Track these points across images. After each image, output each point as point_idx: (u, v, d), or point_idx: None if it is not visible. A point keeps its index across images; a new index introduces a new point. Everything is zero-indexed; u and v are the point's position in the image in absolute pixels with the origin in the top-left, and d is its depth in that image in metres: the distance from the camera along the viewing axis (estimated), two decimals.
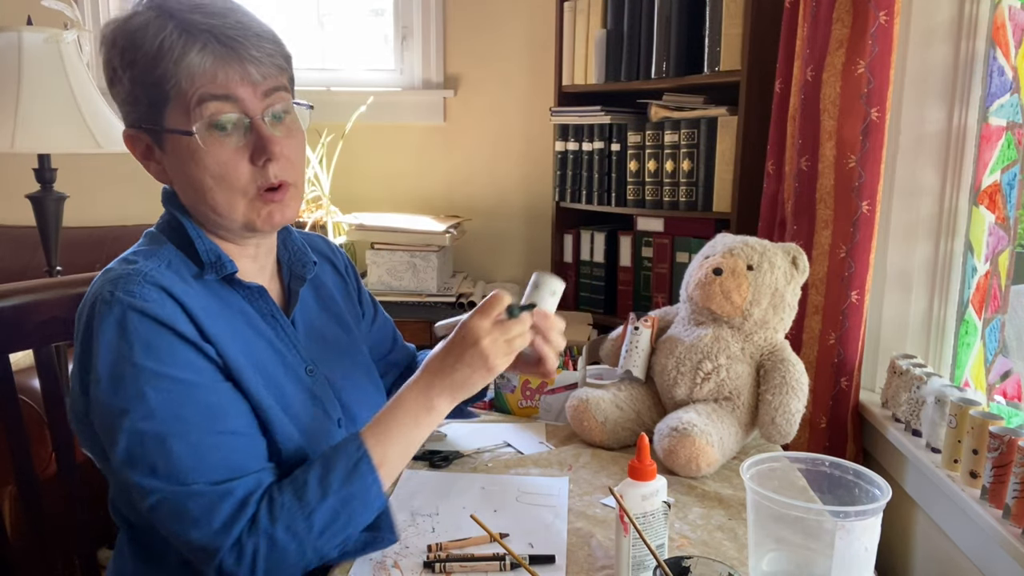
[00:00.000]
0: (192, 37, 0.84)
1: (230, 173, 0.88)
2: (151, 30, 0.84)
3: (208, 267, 0.91)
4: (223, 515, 0.81)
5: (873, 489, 0.82)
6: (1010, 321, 1.41)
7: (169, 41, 0.84)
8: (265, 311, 0.96)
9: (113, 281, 0.85)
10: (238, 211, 0.90)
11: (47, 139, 1.76)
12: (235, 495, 0.82)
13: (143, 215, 2.68)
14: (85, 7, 2.60)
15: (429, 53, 2.63)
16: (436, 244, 2.30)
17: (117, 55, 0.86)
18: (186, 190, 0.91)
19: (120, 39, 0.86)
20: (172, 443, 0.80)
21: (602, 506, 1.05)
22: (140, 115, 0.89)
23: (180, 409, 0.82)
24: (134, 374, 0.81)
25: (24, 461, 1.10)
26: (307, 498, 0.84)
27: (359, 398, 1.08)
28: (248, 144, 0.88)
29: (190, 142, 0.86)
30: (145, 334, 0.82)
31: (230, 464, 0.83)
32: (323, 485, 0.85)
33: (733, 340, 1.19)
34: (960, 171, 1.54)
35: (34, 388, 1.57)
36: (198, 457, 0.81)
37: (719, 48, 1.89)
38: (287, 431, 0.92)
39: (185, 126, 0.86)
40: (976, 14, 1.49)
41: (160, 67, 0.84)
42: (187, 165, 0.88)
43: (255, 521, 0.82)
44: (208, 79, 0.85)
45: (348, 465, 0.87)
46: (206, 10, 0.86)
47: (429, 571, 0.89)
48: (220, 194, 0.89)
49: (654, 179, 2.10)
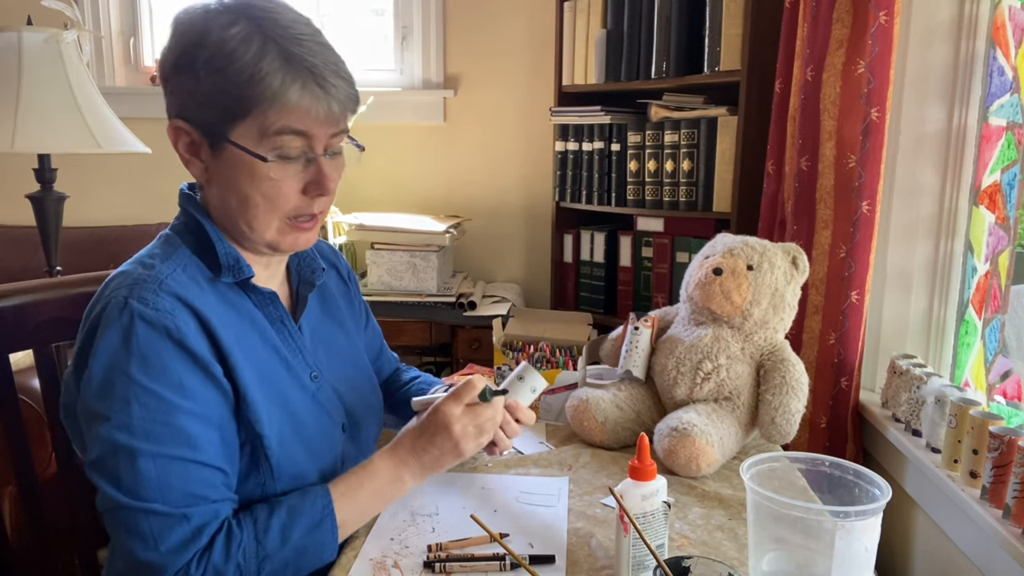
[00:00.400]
0: (294, 73, 0.85)
1: (280, 198, 0.90)
2: (251, 49, 0.84)
3: (226, 270, 0.92)
4: (175, 539, 0.82)
5: (873, 489, 0.82)
6: (1010, 321, 1.41)
7: (270, 69, 0.84)
8: (274, 317, 0.97)
9: (129, 286, 0.85)
10: (270, 232, 0.92)
11: (47, 139, 1.76)
12: (190, 522, 0.83)
13: (143, 215, 2.68)
14: (85, 7, 2.60)
15: (429, 53, 2.63)
16: (436, 244, 2.30)
17: (203, 56, 0.85)
18: (227, 198, 0.91)
19: (212, 44, 0.85)
20: (140, 460, 0.81)
21: (602, 506, 1.05)
22: (204, 116, 0.88)
23: (157, 428, 0.82)
24: (124, 383, 0.82)
25: (24, 461, 1.10)
26: (266, 543, 0.85)
27: (362, 404, 1.09)
28: (305, 175, 0.91)
29: (255, 162, 0.87)
30: (146, 347, 0.83)
31: (192, 492, 0.83)
32: (284, 534, 0.86)
33: (733, 340, 1.19)
34: (960, 171, 1.54)
35: (34, 388, 1.57)
36: (162, 479, 0.82)
37: (719, 48, 1.89)
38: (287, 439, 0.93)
39: (254, 147, 0.87)
40: (976, 14, 1.49)
41: (253, 89, 0.85)
42: (240, 179, 0.89)
43: (208, 553, 0.83)
44: (296, 115, 0.87)
45: (313, 519, 0.88)
46: (305, 43, 0.86)
47: (429, 571, 0.89)
48: (263, 214, 0.91)
49: (654, 179, 2.10)
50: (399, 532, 0.97)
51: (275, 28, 0.86)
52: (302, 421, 0.96)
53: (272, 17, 0.86)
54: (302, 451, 0.95)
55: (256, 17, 0.86)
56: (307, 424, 0.97)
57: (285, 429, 0.94)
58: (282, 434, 0.93)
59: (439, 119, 2.67)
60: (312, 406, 0.98)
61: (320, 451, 0.98)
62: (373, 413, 1.13)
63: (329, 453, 1.00)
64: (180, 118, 0.90)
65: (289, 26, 0.87)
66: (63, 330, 1.14)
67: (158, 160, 2.61)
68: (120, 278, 0.87)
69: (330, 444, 1.00)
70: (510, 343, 1.53)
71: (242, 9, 0.86)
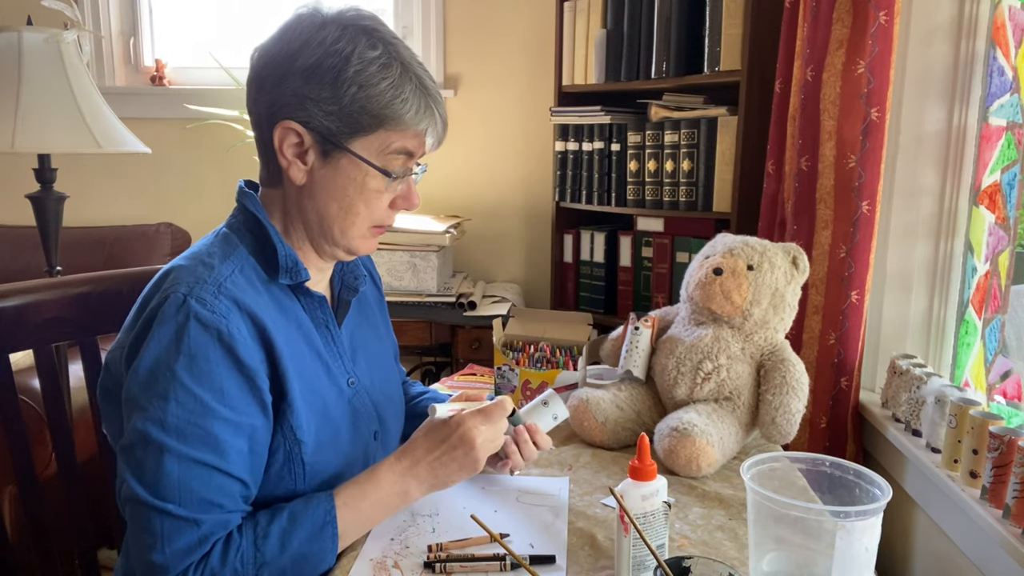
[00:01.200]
0: (426, 104, 0.92)
1: (379, 210, 0.96)
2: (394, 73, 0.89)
3: (283, 272, 0.93)
4: (182, 543, 0.82)
5: (873, 489, 0.82)
6: (1010, 321, 1.41)
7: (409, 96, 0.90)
8: (320, 321, 0.98)
9: (190, 284, 0.86)
10: (356, 236, 0.96)
11: (47, 139, 1.76)
12: (200, 528, 0.83)
13: (143, 215, 2.68)
14: (85, 7, 2.60)
15: (429, 53, 2.63)
16: (436, 244, 2.30)
17: (350, 71, 0.88)
18: (328, 204, 0.94)
19: (356, 60, 0.88)
20: (166, 457, 0.82)
21: (602, 506, 1.05)
22: (329, 124, 0.90)
23: (189, 428, 0.83)
24: (168, 379, 0.83)
25: (24, 461, 1.10)
26: (264, 549, 0.85)
27: (393, 410, 1.10)
28: (396, 191, 0.96)
29: (370, 173, 0.92)
30: (196, 347, 0.84)
31: (209, 499, 0.84)
32: (283, 540, 0.86)
33: (733, 340, 1.19)
34: (960, 171, 1.54)
35: (34, 388, 1.57)
36: (183, 481, 0.83)
37: (719, 48, 1.89)
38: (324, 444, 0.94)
39: (373, 159, 0.92)
40: (976, 14, 1.49)
41: (392, 110, 0.90)
42: (351, 187, 0.93)
43: (206, 560, 0.83)
44: (416, 140, 0.93)
45: (314, 526, 0.88)
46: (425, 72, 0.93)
47: (429, 571, 0.89)
48: (360, 222, 0.95)
49: (654, 179, 2.10)
50: (399, 532, 0.97)
51: (404, 55, 0.92)
52: (338, 426, 0.97)
53: (396, 44, 0.92)
54: (336, 456, 0.96)
55: (388, 42, 0.91)
56: (342, 430, 0.98)
57: (322, 434, 0.94)
58: (319, 439, 0.94)
59: None
60: (348, 411, 0.99)
61: (353, 457, 0.99)
62: (399, 420, 1.14)
63: (361, 459, 1.00)
64: (294, 119, 0.90)
65: (411, 55, 0.93)
66: (63, 330, 1.14)
67: (158, 160, 2.62)
68: (180, 274, 0.88)
69: (363, 450, 1.01)
70: (510, 343, 1.53)
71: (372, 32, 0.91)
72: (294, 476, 0.92)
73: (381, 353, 1.12)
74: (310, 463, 0.92)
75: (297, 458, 0.92)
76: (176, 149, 2.64)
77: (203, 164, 2.65)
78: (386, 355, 1.14)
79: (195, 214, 2.67)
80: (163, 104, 2.64)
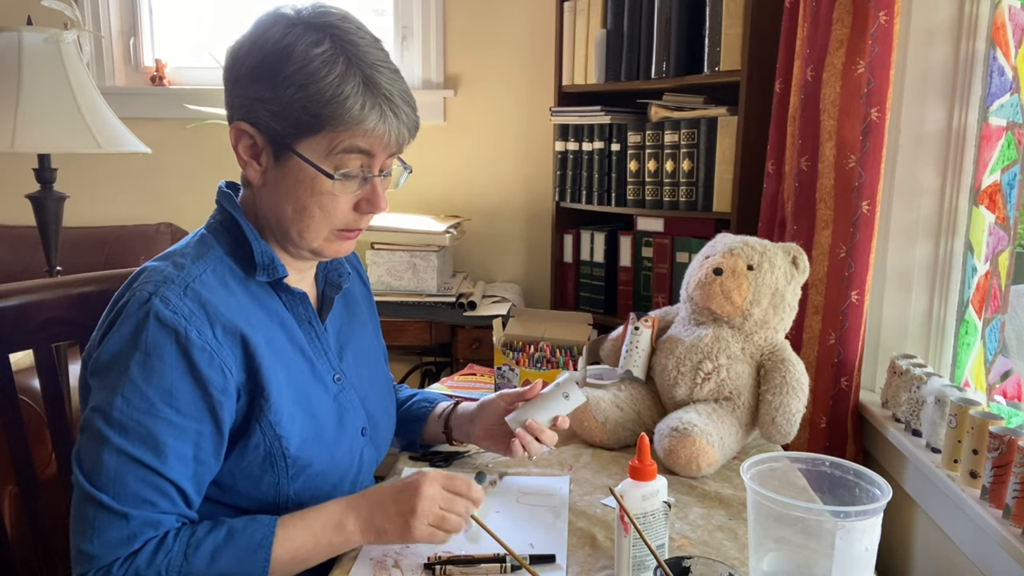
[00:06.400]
0: (373, 100, 0.88)
1: (336, 213, 0.93)
2: (336, 70, 0.87)
3: (260, 269, 0.93)
4: (111, 536, 0.83)
5: (873, 489, 0.82)
6: (1010, 321, 1.41)
7: (351, 93, 0.87)
8: (303, 317, 0.98)
9: (156, 283, 0.87)
10: (318, 240, 0.94)
11: (47, 139, 1.76)
12: (129, 523, 0.83)
13: (143, 215, 2.68)
14: (85, 7, 2.60)
15: (429, 53, 2.63)
16: (436, 244, 2.30)
17: (287, 70, 0.87)
18: (283, 206, 0.93)
19: (297, 59, 0.86)
20: (105, 449, 0.83)
21: (602, 506, 1.05)
22: (275, 125, 0.89)
23: (131, 425, 0.84)
24: (119, 374, 0.84)
25: (24, 461, 1.10)
26: (192, 559, 0.84)
27: (381, 407, 1.09)
28: (360, 193, 0.93)
29: (318, 176, 0.90)
30: (151, 346, 0.84)
31: (142, 496, 0.84)
32: (214, 555, 0.85)
33: (733, 340, 1.19)
34: (960, 171, 1.54)
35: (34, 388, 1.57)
36: (119, 475, 0.83)
37: (719, 48, 1.89)
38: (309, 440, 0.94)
39: (320, 161, 0.89)
40: (976, 14, 1.49)
41: (333, 110, 0.87)
42: (300, 190, 0.91)
43: (134, 558, 0.83)
44: (366, 138, 0.89)
45: (248, 547, 0.86)
46: (383, 70, 0.89)
47: (429, 572, 0.89)
48: (316, 225, 0.93)
49: (654, 179, 2.10)
50: None
51: (357, 51, 0.88)
52: (323, 423, 0.97)
53: (353, 40, 0.89)
54: (322, 453, 0.96)
55: (339, 38, 0.88)
56: (328, 426, 0.97)
57: (307, 430, 0.94)
58: (304, 435, 0.93)
59: (439, 119, 2.67)
60: (334, 408, 0.99)
61: (339, 453, 0.98)
62: (390, 416, 1.13)
63: (348, 455, 1.00)
64: (246, 120, 0.91)
65: (368, 51, 0.89)
66: (63, 330, 1.14)
67: (158, 160, 2.62)
68: (150, 273, 0.89)
69: (349, 446, 1.00)
70: (510, 343, 1.53)
71: (326, 28, 0.88)
72: (277, 471, 0.92)
73: (370, 351, 1.11)
74: (294, 458, 0.92)
75: (279, 453, 0.91)
76: (176, 149, 2.64)
77: (203, 164, 2.65)
78: (375, 353, 1.13)
79: (195, 214, 2.66)
80: (163, 104, 2.64)
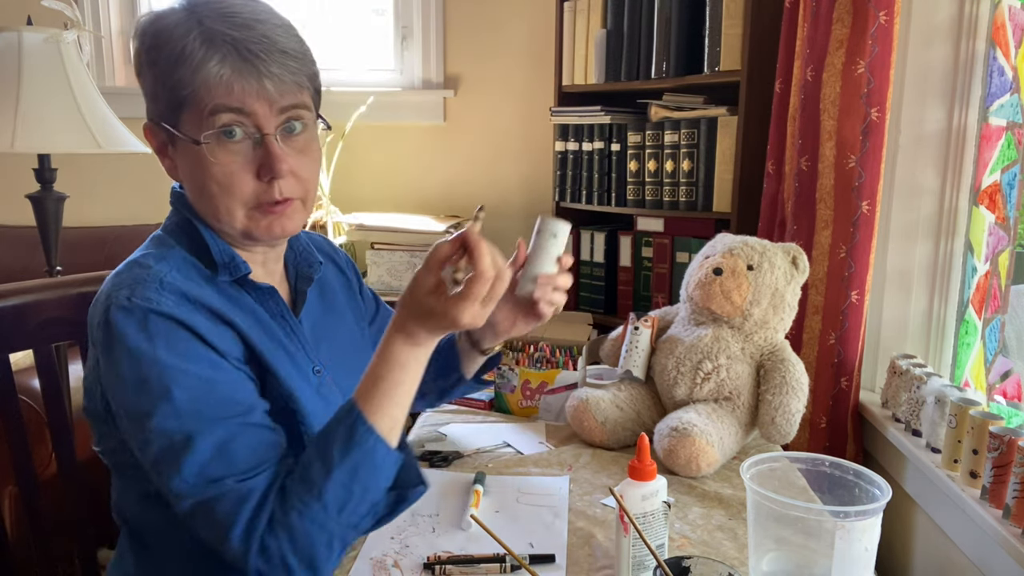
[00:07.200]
0: (213, 48, 0.83)
1: (235, 184, 0.87)
2: (176, 33, 0.84)
3: (222, 268, 0.91)
4: (244, 518, 0.80)
5: (873, 489, 0.82)
6: (1010, 321, 1.41)
7: (191, 48, 0.83)
8: (275, 312, 0.96)
9: (130, 286, 0.84)
10: (237, 220, 0.89)
11: (47, 139, 1.76)
12: (255, 493, 0.80)
13: (143, 215, 2.68)
14: (85, 7, 2.60)
15: (429, 53, 2.63)
16: None
17: (144, 50, 0.86)
18: (192, 191, 0.91)
19: (148, 36, 0.86)
20: (198, 440, 0.80)
21: (602, 506, 1.05)
22: (159, 112, 0.88)
23: (204, 406, 0.81)
24: (158, 372, 0.81)
25: (24, 461, 1.10)
26: (312, 478, 0.81)
27: None
28: (256, 159, 0.87)
29: (199, 149, 0.86)
30: (166, 333, 0.82)
31: (257, 455, 0.82)
32: (325, 461, 0.81)
33: (733, 340, 1.19)
34: (960, 171, 1.54)
35: (34, 388, 1.57)
36: (225, 452, 0.81)
37: (719, 48, 1.89)
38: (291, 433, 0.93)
39: (196, 134, 0.86)
40: (976, 14, 1.49)
41: (178, 73, 0.84)
42: (195, 169, 0.88)
43: (272, 518, 0.81)
44: (224, 91, 0.84)
45: (344, 433, 0.82)
46: (233, 20, 0.85)
47: (429, 572, 0.89)
48: (221, 202, 0.88)
49: (654, 179, 2.10)
50: (399, 532, 0.97)
51: (205, 10, 0.84)
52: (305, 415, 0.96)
53: (208, 2, 0.85)
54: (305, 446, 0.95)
55: (191, 5, 0.85)
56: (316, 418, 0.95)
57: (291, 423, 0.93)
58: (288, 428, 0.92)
59: (439, 119, 2.67)
60: (316, 400, 0.97)
61: None
62: None
63: None
64: (148, 119, 0.91)
65: (222, 7, 0.85)
66: (63, 330, 1.14)
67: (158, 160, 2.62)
68: (117, 280, 0.86)
69: None
70: (510, 343, 1.53)
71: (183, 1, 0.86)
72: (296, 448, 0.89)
73: (350, 339, 1.08)
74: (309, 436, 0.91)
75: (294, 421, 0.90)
76: None
77: None
78: (356, 341, 1.10)
79: None
80: None
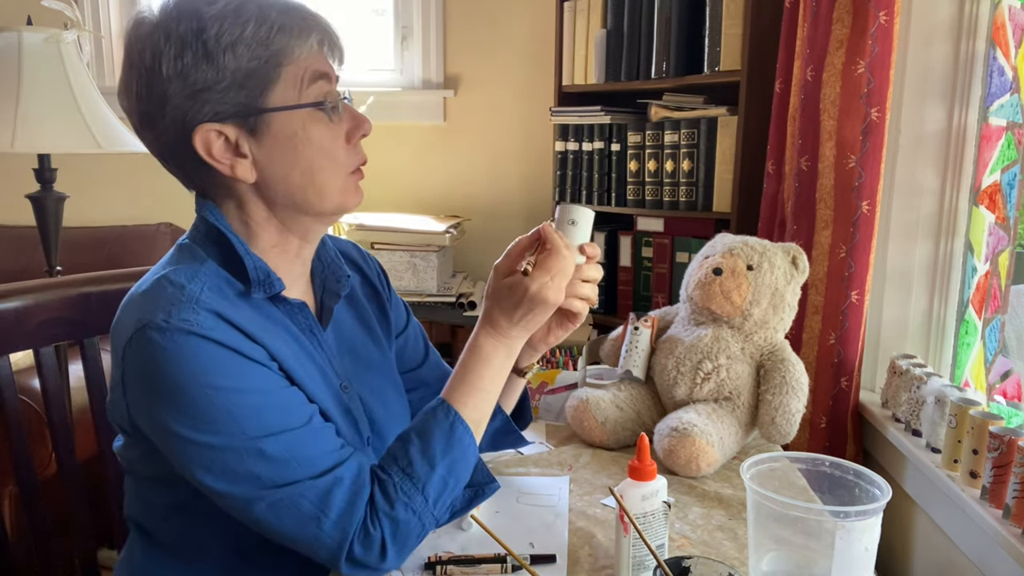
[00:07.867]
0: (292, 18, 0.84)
1: (337, 150, 0.89)
2: (251, 9, 0.82)
3: (256, 285, 0.88)
4: (339, 504, 0.81)
5: (873, 489, 0.82)
6: (1010, 321, 1.41)
7: (280, 19, 0.83)
8: (304, 326, 0.94)
9: (165, 309, 0.80)
10: (339, 193, 0.90)
11: (47, 139, 1.76)
12: (344, 482, 0.82)
13: (143, 215, 2.68)
14: (85, 7, 2.60)
15: (429, 53, 2.63)
16: (436, 244, 2.30)
17: (212, 37, 0.81)
18: (290, 177, 0.87)
19: (213, 22, 0.81)
20: (268, 449, 0.80)
21: (602, 506, 1.05)
22: (235, 99, 0.83)
23: (265, 418, 0.82)
24: (214, 397, 0.80)
25: (24, 461, 1.10)
26: (416, 473, 0.85)
27: (388, 416, 1.05)
28: (343, 122, 0.89)
29: (307, 118, 0.85)
30: (215, 356, 0.80)
31: (326, 451, 0.84)
32: (427, 458, 0.86)
33: (733, 340, 1.19)
34: (960, 171, 1.54)
35: (34, 388, 1.57)
36: (296, 455, 0.81)
37: (719, 48, 1.89)
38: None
39: (297, 102, 0.85)
40: (976, 14, 1.49)
41: (275, 43, 0.83)
42: (298, 147, 0.86)
43: (373, 505, 0.83)
44: (315, 58, 0.86)
45: (444, 432, 0.88)
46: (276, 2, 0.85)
47: (429, 572, 0.89)
48: (330, 174, 0.89)
49: (654, 179, 2.10)
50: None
51: None
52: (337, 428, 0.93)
53: None
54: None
55: None
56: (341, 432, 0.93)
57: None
58: None
59: (439, 119, 2.67)
60: (343, 417, 0.95)
61: None
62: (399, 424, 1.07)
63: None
64: (207, 122, 0.83)
65: None
66: (63, 330, 1.14)
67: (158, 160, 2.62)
68: (148, 300, 0.82)
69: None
70: None
71: None
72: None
73: (376, 355, 1.07)
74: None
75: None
76: None
77: None
78: (381, 357, 1.08)
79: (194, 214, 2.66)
80: None
